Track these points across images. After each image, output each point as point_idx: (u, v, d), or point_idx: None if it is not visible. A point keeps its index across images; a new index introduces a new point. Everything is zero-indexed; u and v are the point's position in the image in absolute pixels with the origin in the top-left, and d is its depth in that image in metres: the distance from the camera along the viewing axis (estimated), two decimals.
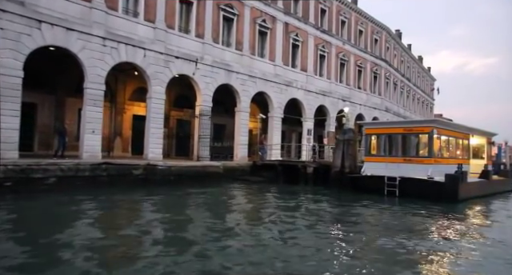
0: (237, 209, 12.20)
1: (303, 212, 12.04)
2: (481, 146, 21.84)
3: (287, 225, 9.69)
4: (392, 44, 41.65)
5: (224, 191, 16.47)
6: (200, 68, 20.28)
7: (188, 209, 11.90)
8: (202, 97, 20.55)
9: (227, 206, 12.69)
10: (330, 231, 9.30)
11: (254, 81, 23.73)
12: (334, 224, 10.31)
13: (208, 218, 10.40)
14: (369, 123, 18.31)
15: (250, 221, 10.20)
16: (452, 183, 14.70)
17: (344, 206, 13.51)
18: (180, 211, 11.26)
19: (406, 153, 16.50)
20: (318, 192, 17.92)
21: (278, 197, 15.79)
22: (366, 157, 17.85)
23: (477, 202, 15.59)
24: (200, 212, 11.63)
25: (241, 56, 22.95)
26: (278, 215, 11.04)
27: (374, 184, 16.57)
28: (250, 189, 17.91)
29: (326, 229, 9.49)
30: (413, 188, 15.40)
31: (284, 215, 11.04)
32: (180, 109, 24.12)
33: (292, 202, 14.11)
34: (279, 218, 10.55)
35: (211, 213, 11.20)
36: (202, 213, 11.52)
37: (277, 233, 8.55)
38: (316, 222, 10.20)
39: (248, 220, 10.48)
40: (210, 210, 11.83)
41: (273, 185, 19.87)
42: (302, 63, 28.09)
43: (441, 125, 16.18)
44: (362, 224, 10.47)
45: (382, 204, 14.44)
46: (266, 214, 11.35)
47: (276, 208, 12.82)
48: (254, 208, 12.71)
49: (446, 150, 17.20)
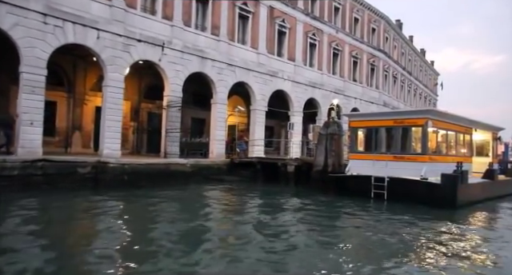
0: (180, 220, 9.95)
1: (257, 225, 9.73)
2: (485, 142, 19.45)
3: (233, 246, 7.47)
4: (391, 34, 39.15)
5: (184, 194, 14.27)
6: (168, 53, 18.04)
7: (118, 219, 9.67)
8: (171, 86, 18.30)
9: (173, 216, 10.43)
10: (285, 260, 6.48)
11: (233, 70, 21.46)
12: (295, 248, 7.29)
13: (132, 231, 8.18)
14: (354, 115, 16.03)
15: (186, 244, 7.96)
16: (449, 185, 12.38)
17: (317, 216, 11.19)
18: (105, 222, 9.07)
19: (396, 149, 14.19)
20: (296, 194, 15.71)
21: (244, 202, 13.56)
22: (350, 154, 15.56)
23: (480, 208, 13.24)
24: (128, 222, 9.39)
25: (217, 42, 20.68)
26: (225, 229, 8.83)
27: (359, 185, 14.32)
28: (219, 191, 15.71)
29: (284, 258, 6.54)
30: (403, 190, 13.12)
31: (230, 229, 8.82)
32: (152, 101, 21.88)
33: (253, 211, 11.89)
34: (223, 232, 8.34)
35: (147, 224, 8.97)
36: (129, 223, 9.28)
37: (217, 257, 6.32)
38: (270, 247, 7.60)
39: (183, 238, 8.24)
40: (147, 220, 9.60)
41: (249, 186, 17.68)
42: (290, 52, 25.75)
43: (437, 116, 13.83)
44: (337, 241, 8.14)
45: (366, 210, 12.17)
46: (209, 231, 9.12)
47: (229, 217, 10.59)
48: (202, 217, 10.44)
49: (443, 146, 14.85)
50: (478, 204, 13.79)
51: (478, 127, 17.49)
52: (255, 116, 23.28)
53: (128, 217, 9.94)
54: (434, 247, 7.50)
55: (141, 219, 9.56)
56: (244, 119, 26.55)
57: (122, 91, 16.32)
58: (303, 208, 12.34)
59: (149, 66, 18.41)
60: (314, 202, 13.50)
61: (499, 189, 16.49)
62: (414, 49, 48.60)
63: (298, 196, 15.23)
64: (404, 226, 9.68)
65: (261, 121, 23.52)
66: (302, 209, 12.01)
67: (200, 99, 23.12)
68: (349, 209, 12.09)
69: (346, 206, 12.67)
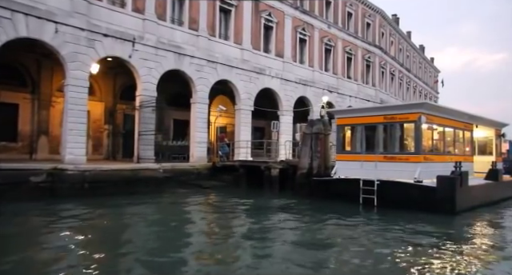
0: (127, 242, 8.46)
1: (224, 246, 8.25)
2: (488, 140, 17.91)
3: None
4: (388, 30, 37.64)
5: (152, 203, 12.74)
6: (139, 50, 16.61)
7: (53, 239, 8.17)
8: (143, 85, 16.87)
9: (116, 235, 8.94)
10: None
11: (214, 67, 20.00)
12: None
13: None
14: (340, 111, 14.53)
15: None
16: (446, 188, 10.85)
17: (296, 229, 9.69)
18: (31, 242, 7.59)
19: (386, 148, 12.67)
20: (279, 201, 14.22)
21: (216, 213, 12.08)
22: (337, 154, 14.05)
23: (482, 213, 11.69)
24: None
25: (196, 37, 19.24)
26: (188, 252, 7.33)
27: (346, 190, 12.83)
28: (193, 199, 14.21)
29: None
30: (395, 195, 11.63)
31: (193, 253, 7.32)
32: (129, 102, 20.44)
33: (223, 224, 10.37)
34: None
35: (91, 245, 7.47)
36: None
37: None
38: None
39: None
40: (95, 241, 8.10)
41: (230, 192, 16.19)
42: (278, 48, 24.29)
43: (431, 110, 12.30)
44: (316, 267, 6.62)
45: (353, 220, 10.64)
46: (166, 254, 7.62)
47: (196, 231, 9.09)
48: (153, 237, 8.95)
49: (440, 144, 13.32)
50: (480, 208, 12.24)
51: (480, 123, 15.94)
52: (240, 116, 21.80)
53: (70, 234, 8.46)
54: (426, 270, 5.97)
55: (87, 239, 8.07)
56: (233, 120, 25.10)
57: (87, 90, 14.87)
58: (281, 219, 10.82)
59: (123, 64, 16.99)
60: (295, 211, 12.01)
61: (504, 191, 14.91)
62: (413, 45, 47.05)
63: (280, 203, 13.73)
64: (394, 240, 8.15)
65: (246, 122, 22.04)
66: (279, 221, 10.47)
67: (182, 99, 21.64)
68: (333, 219, 10.57)
69: (330, 215, 11.15)
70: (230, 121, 25.24)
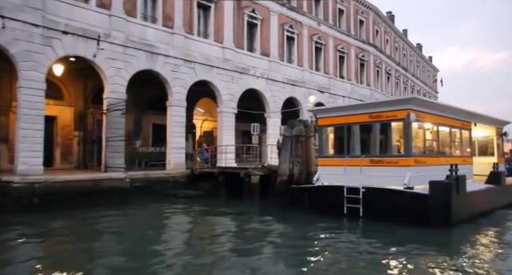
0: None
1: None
2: (489, 139, 16.43)
3: None
4: (382, 27, 36.28)
5: (110, 218, 11.26)
6: (105, 48, 15.25)
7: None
8: (111, 86, 15.49)
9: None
10: None
11: (192, 66, 18.63)
12: None
13: None
14: (321, 110, 13.07)
15: None
16: (440, 195, 9.38)
17: (263, 250, 8.24)
18: None
19: (372, 150, 11.22)
20: (258, 213, 12.90)
21: (182, 230, 10.65)
22: (319, 158, 12.59)
23: (484, 224, 10.21)
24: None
25: (171, 34, 17.89)
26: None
27: (329, 198, 11.38)
28: (162, 212, 12.79)
29: None
30: (383, 204, 10.18)
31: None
32: (101, 107, 19.09)
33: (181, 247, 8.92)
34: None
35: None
36: None
37: None
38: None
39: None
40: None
41: (207, 203, 14.80)
42: (263, 46, 22.92)
43: (422, 106, 10.83)
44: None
45: (335, 234, 9.22)
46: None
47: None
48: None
49: (433, 145, 11.85)
50: (481, 217, 10.75)
51: (479, 121, 14.46)
52: (222, 119, 20.40)
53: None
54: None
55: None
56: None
57: (43, 93, 13.48)
58: (254, 236, 9.36)
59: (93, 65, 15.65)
60: (270, 225, 10.55)
61: (508, 196, 13.41)
62: (409, 43, 45.66)
63: (258, 216, 12.32)
64: (379, 263, 6.68)
65: (229, 125, 20.63)
66: (252, 240, 9.01)
67: (162, 103, 20.26)
68: (310, 236, 9.15)
69: (307, 230, 9.73)
70: (217, 126, 23.85)
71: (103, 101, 15.82)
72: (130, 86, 19.68)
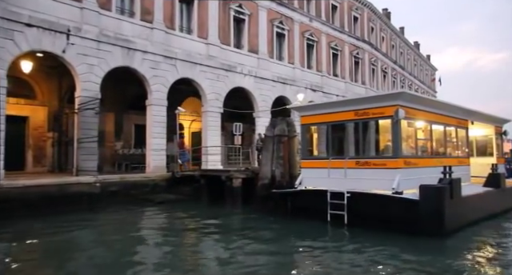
0: None
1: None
2: (487, 138, 15.44)
3: None
4: (378, 24, 35.30)
5: (69, 229, 10.21)
6: (76, 43, 14.25)
7: None
8: (83, 84, 14.48)
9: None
10: None
11: (173, 63, 17.62)
12: None
13: None
14: (304, 107, 12.04)
15: None
16: (432, 201, 8.37)
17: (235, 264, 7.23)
18: None
19: (358, 151, 10.20)
20: (240, 220, 11.86)
21: (143, 242, 9.60)
22: (302, 160, 11.57)
23: (480, 234, 9.16)
24: None
25: (150, 30, 16.89)
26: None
27: (312, 204, 10.37)
28: (133, 219, 11.78)
29: None
30: (370, 210, 9.18)
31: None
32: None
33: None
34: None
35: None
36: None
37: None
38: None
39: None
40: None
41: (185, 208, 13.82)
42: (251, 43, 21.92)
43: (413, 102, 9.81)
44: None
45: (316, 244, 8.23)
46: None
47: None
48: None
49: (426, 145, 10.83)
50: (478, 225, 9.73)
51: (476, 119, 13.46)
52: (207, 119, 19.39)
53: None
54: None
55: None
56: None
57: (5, 91, 12.46)
58: (220, 250, 8.34)
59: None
60: (244, 236, 9.52)
61: (508, 200, 12.38)
62: (407, 41, 44.67)
63: (237, 224, 11.29)
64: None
65: (215, 125, 19.62)
66: (217, 256, 7.99)
67: (142, 102, 19.31)
68: (287, 248, 8.14)
69: (286, 241, 8.76)
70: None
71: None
72: (110, 84, 18.72)
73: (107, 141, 19.52)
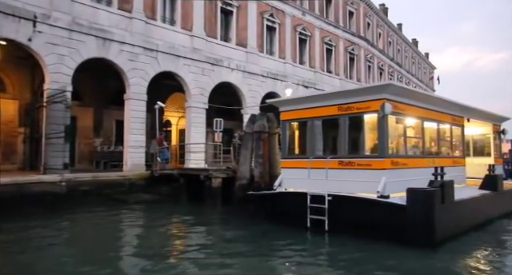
0: None
1: None
2: (485, 137, 14.49)
3: None
4: (374, 20, 34.32)
5: (24, 234, 9.24)
6: (44, 32, 13.28)
7: None
8: (52, 76, 13.51)
9: None
10: None
11: (154, 56, 16.65)
12: None
13: None
14: (284, 101, 11.01)
15: None
16: (421, 207, 7.43)
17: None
18: None
19: (341, 150, 9.24)
20: (219, 223, 10.90)
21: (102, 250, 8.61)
22: (282, 160, 10.60)
23: (475, 243, 8.20)
24: None
25: (129, 19, 15.92)
26: None
27: (291, 208, 9.42)
28: (100, 222, 10.79)
29: None
30: (353, 216, 8.24)
31: None
32: None
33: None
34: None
35: None
36: None
37: None
38: None
39: None
40: None
41: (161, 209, 12.89)
42: (240, 36, 20.95)
43: (402, 96, 8.83)
44: None
45: (289, 254, 7.28)
46: None
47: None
48: None
49: (416, 144, 9.87)
50: (473, 232, 8.79)
51: (473, 116, 12.51)
52: (191, 115, 18.43)
53: None
54: None
55: None
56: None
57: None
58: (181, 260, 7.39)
59: None
60: (214, 245, 8.57)
61: (506, 204, 11.45)
62: (404, 38, 43.70)
63: (210, 229, 10.30)
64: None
65: (199, 122, 18.66)
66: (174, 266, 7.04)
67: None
68: (261, 257, 7.18)
69: (263, 248, 7.80)
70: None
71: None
72: (88, 78, 17.84)
73: (85, 137, 18.58)
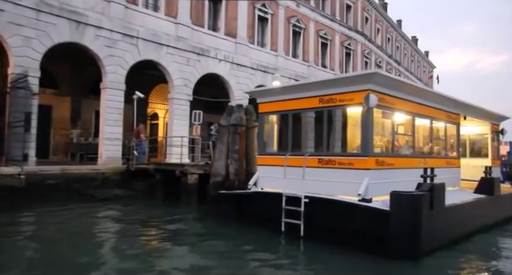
0: None
1: None
2: (482, 137, 13.56)
3: None
4: (373, 15, 33.30)
5: None
6: (7, 10, 12.24)
7: None
8: (16, 59, 12.53)
9: None
10: None
11: (134, 43, 15.64)
12: None
13: None
14: (262, 92, 10.01)
15: None
16: (406, 213, 6.49)
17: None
18: None
19: (321, 147, 8.28)
20: (189, 223, 9.94)
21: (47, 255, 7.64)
22: (258, 156, 9.64)
23: (466, 257, 7.27)
24: None
25: (107, 3, 14.90)
26: None
27: (266, 210, 8.49)
28: (55, 221, 9.80)
29: None
30: (331, 221, 7.32)
31: None
32: None
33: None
34: None
35: None
36: None
37: None
38: None
39: None
40: None
41: (131, 207, 11.95)
42: (229, 26, 19.93)
43: (390, 88, 7.85)
44: None
45: (254, 265, 6.35)
46: None
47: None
48: None
49: (406, 141, 8.93)
50: (466, 241, 7.86)
51: (470, 113, 11.55)
52: (173, 107, 17.45)
53: None
54: None
55: None
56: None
57: None
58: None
59: None
60: (179, 252, 7.63)
61: (502, 209, 10.53)
62: (404, 35, 42.67)
63: (183, 229, 9.36)
64: None
65: (182, 114, 17.68)
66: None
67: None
68: (225, 265, 6.25)
69: (230, 254, 6.87)
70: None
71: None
72: (65, 65, 16.95)
73: (61, 128, 17.60)
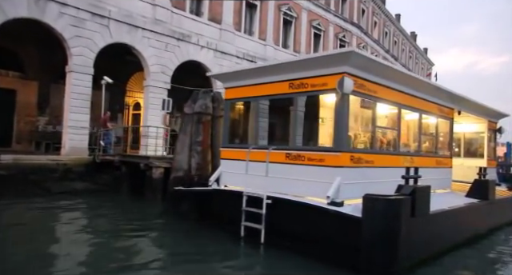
0: None
1: None
2: (478, 136, 12.48)
3: None
4: (370, 7, 32.04)
5: None
6: None
7: None
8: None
9: None
10: None
11: (105, 23, 14.39)
12: None
13: None
14: (226, 75, 8.79)
15: None
16: (380, 221, 5.37)
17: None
18: None
19: (290, 140, 7.14)
20: (149, 225, 8.79)
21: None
22: (222, 149, 8.48)
23: (452, 272, 6.18)
24: None
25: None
26: None
27: (226, 210, 7.38)
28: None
29: None
30: (295, 227, 6.20)
31: None
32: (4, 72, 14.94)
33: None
34: None
35: None
36: None
37: None
38: None
39: None
40: None
41: (83, 205, 10.79)
42: (213, 11, 18.67)
43: (370, 72, 6.65)
44: None
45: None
46: None
47: None
48: None
49: (389, 136, 7.79)
50: (453, 254, 6.77)
51: (465, 108, 10.42)
52: (148, 95, 16.24)
53: None
54: None
55: None
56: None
57: None
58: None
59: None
60: (127, 249, 6.50)
61: (498, 215, 9.44)
62: (402, 30, 41.43)
63: (137, 229, 8.24)
64: None
65: (159, 104, 16.43)
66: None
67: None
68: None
69: (180, 259, 5.75)
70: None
71: (7, 65, 11.63)
72: (32, 47, 15.78)
73: (27, 114, 16.38)
